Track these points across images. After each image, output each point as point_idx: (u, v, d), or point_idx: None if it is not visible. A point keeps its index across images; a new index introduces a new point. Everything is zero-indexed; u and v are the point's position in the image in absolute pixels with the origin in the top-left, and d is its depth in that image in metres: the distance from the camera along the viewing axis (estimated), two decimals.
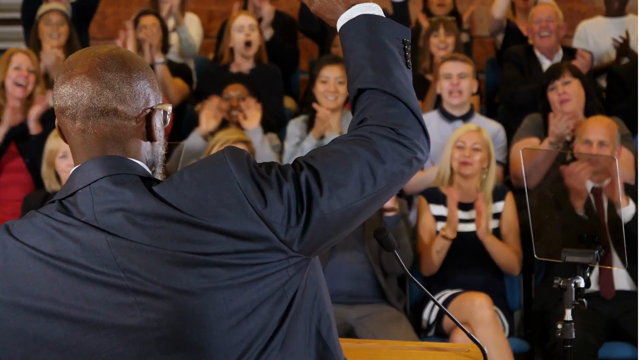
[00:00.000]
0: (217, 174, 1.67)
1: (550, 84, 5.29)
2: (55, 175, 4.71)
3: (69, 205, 1.70)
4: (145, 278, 1.63)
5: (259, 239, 1.64)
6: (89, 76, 1.73)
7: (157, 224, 1.64)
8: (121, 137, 1.74)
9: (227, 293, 1.63)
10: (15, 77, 5.33)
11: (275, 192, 1.66)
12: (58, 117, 1.77)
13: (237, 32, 6.01)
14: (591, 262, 3.20)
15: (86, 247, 1.66)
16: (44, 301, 1.65)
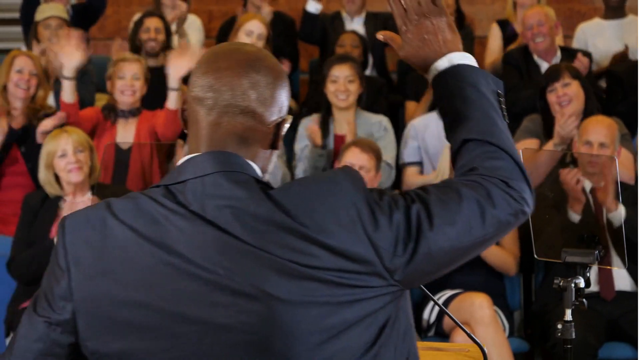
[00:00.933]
0: (334, 191, 1.66)
1: (550, 86, 5.26)
2: (54, 177, 4.68)
3: (176, 192, 1.68)
4: (245, 279, 1.61)
5: (364, 261, 1.63)
6: (236, 73, 1.71)
7: (266, 228, 1.62)
8: (250, 138, 1.72)
9: (324, 309, 1.61)
10: (18, 80, 5.32)
11: (387, 218, 1.65)
12: (191, 104, 1.74)
13: (245, 35, 6.01)
14: (591, 262, 3.20)
15: (190, 238, 1.63)
16: (137, 288, 1.63)
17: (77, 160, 4.60)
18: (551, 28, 6.05)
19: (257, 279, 1.61)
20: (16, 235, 4.67)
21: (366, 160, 4.72)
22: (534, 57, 6.10)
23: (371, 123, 5.51)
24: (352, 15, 6.89)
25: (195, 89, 1.73)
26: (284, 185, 1.69)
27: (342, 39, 6.34)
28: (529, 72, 6.06)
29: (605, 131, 4.75)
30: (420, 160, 5.48)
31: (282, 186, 1.69)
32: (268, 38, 6.07)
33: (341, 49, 6.27)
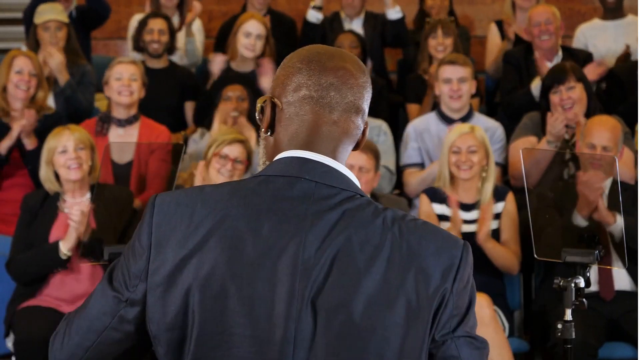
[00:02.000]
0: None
1: (554, 87, 5.25)
2: (54, 175, 4.67)
3: (279, 183, 1.71)
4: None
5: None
6: (352, 74, 1.76)
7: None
8: (354, 137, 1.78)
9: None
10: (17, 81, 5.31)
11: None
12: (297, 103, 1.74)
13: (244, 36, 6.01)
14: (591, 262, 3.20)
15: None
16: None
17: (77, 157, 4.60)
18: (557, 28, 6.05)
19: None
20: (15, 235, 4.67)
21: (365, 161, 4.72)
22: (536, 58, 6.09)
23: (370, 127, 5.51)
24: (352, 17, 6.88)
25: (306, 88, 1.74)
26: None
27: (340, 39, 6.33)
28: (528, 72, 6.06)
29: (608, 134, 4.73)
30: (421, 161, 5.47)
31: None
32: (267, 38, 6.06)
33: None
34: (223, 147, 4.85)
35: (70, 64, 5.97)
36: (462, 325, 1.71)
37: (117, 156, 5.27)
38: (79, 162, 4.60)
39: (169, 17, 6.37)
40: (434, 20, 6.29)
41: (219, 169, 4.83)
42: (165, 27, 6.22)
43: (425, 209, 4.85)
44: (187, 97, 6.20)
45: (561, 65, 5.48)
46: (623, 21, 6.71)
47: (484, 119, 5.56)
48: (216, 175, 4.83)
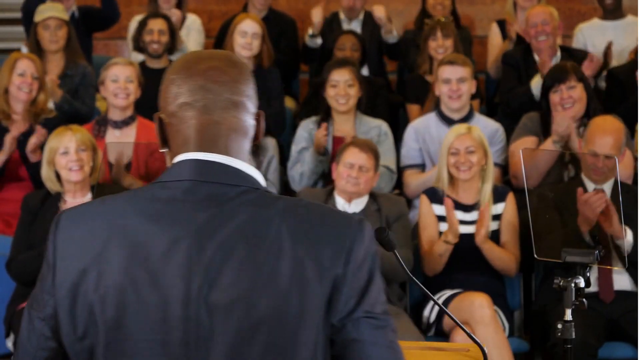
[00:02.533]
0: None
1: (554, 86, 5.25)
2: (55, 175, 4.67)
3: (173, 189, 1.76)
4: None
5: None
6: (221, 71, 1.78)
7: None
8: (244, 131, 1.80)
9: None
10: (20, 83, 5.31)
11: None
12: (177, 113, 1.78)
13: (239, 36, 6.01)
14: (591, 262, 3.20)
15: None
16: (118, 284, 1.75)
17: (78, 159, 4.60)
18: (555, 28, 6.04)
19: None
20: (16, 235, 4.67)
21: (365, 160, 4.72)
22: (535, 58, 6.09)
23: (370, 127, 5.51)
24: (351, 18, 6.87)
25: (181, 96, 1.77)
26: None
27: (342, 41, 6.33)
28: (527, 72, 6.05)
29: (612, 141, 4.69)
30: (421, 162, 5.46)
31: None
32: (264, 37, 6.05)
33: (340, 52, 6.26)
34: None
35: (69, 64, 5.97)
36: (361, 305, 1.69)
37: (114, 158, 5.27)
38: (80, 164, 4.60)
39: (168, 17, 6.36)
40: (433, 22, 6.28)
41: None
42: (165, 27, 6.22)
43: (425, 209, 4.85)
44: None
45: (562, 64, 5.47)
46: (623, 21, 6.72)
47: (485, 120, 5.56)
48: None
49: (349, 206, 4.77)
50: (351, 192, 4.74)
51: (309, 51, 6.77)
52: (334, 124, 5.51)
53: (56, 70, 5.94)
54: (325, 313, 1.67)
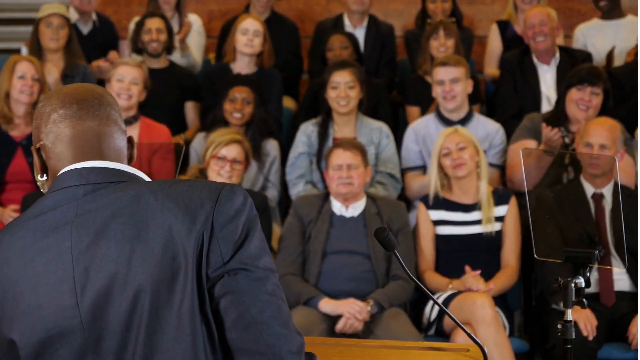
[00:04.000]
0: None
1: (580, 85, 5.23)
2: None
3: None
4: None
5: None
6: (86, 88, 1.98)
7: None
8: (113, 133, 1.99)
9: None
10: (21, 86, 5.31)
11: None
12: (54, 133, 1.91)
13: (241, 34, 6.01)
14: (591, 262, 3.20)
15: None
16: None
17: None
18: (552, 29, 6.03)
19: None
20: None
21: (351, 158, 4.73)
22: (533, 60, 6.08)
23: (372, 128, 5.51)
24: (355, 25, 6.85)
25: (56, 111, 1.89)
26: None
27: (331, 42, 6.32)
28: (524, 76, 6.04)
29: (605, 133, 4.73)
30: (422, 164, 5.46)
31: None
32: (265, 36, 6.05)
33: (330, 53, 6.26)
34: (220, 149, 4.84)
35: (69, 65, 5.97)
36: (236, 257, 1.75)
37: None
38: None
39: (165, 17, 6.37)
40: (436, 22, 6.28)
41: (218, 170, 4.82)
42: (163, 26, 6.22)
43: (422, 215, 4.86)
44: (187, 97, 6.20)
45: (597, 69, 5.44)
46: (622, 21, 6.71)
47: (485, 121, 5.55)
48: (215, 177, 4.83)
49: (347, 210, 4.77)
50: (345, 193, 4.74)
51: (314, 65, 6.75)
52: (335, 125, 5.51)
53: (56, 71, 5.94)
54: (198, 268, 1.73)
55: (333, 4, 7.67)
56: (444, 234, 4.84)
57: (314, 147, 5.47)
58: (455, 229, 4.84)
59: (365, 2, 6.77)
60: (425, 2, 6.91)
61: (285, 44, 6.76)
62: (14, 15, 7.90)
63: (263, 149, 5.45)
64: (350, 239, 4.72)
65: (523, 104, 5.95)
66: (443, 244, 4.84)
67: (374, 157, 5.38)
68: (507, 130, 5.55)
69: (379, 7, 7.54)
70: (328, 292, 4.62)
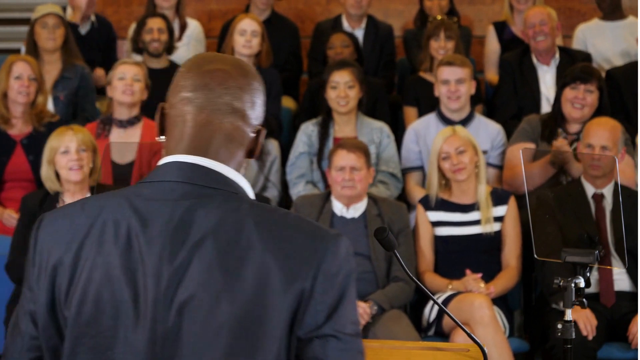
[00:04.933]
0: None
1: (574, 83, 5.23)
2: (55, 174, 4.67)
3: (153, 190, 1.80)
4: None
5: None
6: (229, 74, 1.79)
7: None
8: (235, 139, 1.80)
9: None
10: (18, 87, 5.30)
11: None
12: (177, 106, 1.79)
13: (239, 35, 6.01)
14: (591, 262, 3.20)
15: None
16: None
17: (78, 159, 4.60)
18: (552, 28, 6.03)
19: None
20: (14, 237, 4.65)
21: (355, 160, 4.72)
22: (533, 61, 6.08)
23: (372, 128, 5.51)
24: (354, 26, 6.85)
25: (184, 90, 1.77)
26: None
27: (332, 40, 6.32)
28: (524, 76, 6.04)
29: (607, 134, 4.72)
30: (422, 164, 5.46)
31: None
32: (263, 36, 6.05)
33: (331, 51, 6.26)
34: None
35: (67, 65, 5.96)
36: (331, 323, 1.66)
37: (118, 156, 5.27)
38: (80, 163, 4.60)
39: (166, 17, 6.37)
40: (437, 21, 6.26)
41: None
42: (164, 26, 6.22)
43: (421, 217, 4.86)
44: None
45: (589, 67, 5.45)
46: (623, 22, 6.71)
47: (485, 121, 5.55)
48: None
49: (347, 211, 4.77)
50: (349, 196, 4.73)
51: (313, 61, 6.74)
52: (335, 125, 5.51)
53: (54, 72, 5.94)
54: (290, 325, 1.65)
55: (333, 4, 7.67)
56: (443, 234, 4.84)
57: (314, 147, 5.47)
58: (454, 230, 4.83)
59: (363, 5, 6.76)
60: (423, 1, 6.91)
61: (285, 44, 6.76)
62: (13, 15, 7.89)
63: (263, 149, 5.45)
64: (350, 240, 4.69)
65: (522, 105, 5.95)
66: (442, 244, 4.84)
67: (375, 156, 5.37)
68: (506, 131, 5.54)
69: (378, 7, 7.53)
70: None
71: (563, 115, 5.26)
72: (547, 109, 5.82)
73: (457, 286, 4.66)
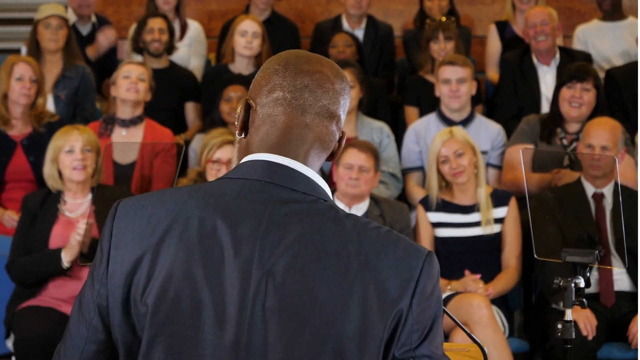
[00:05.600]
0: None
1: (570, 83, 5.24)
2: (58, 173, 4.67)
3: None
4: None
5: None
6: (329, 78, 1.76)
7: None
8: (327, 144, 1.77)
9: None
10: (19, 89, 5.30)
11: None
12: (270, 105, 1.74)
13: (240, 36, 6.01)
14: (591, 262, 3.20)
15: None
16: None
17: (83, 159, 4.60)
18: (553, 29, 6.04)
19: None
20: (15, 237, 4.65)
21: (364, 160, 4.72)
22: (533, 61, 6.08)
23: (372, 128, 5.51)
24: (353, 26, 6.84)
25: (281, 89, 1.72)
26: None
27: (335, 40, 6.33)
28: (524, 76, 6.04)
29: (607, 134, 4.73)
30: (421, 165, 5.46)
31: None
32: (264, 37, 6.05)
33: (334, 50, 6.26)
34: (214, 152, 4.83)
35: (68, 65, 5.97)
36: (426, 343, 1.64)
37: (119, 156, 5.27)
38: (84, 163, 4.60)
39: (167, 17, 6.37)
40: (436, 23, 6.26)
41: (215, 174, 4.81)
42: (164, 26, 6.22)
43: (421, 218, 4.86)
44: (187, 98, 6.20)
45: (585, 65, 5.46)
46: (623, 23, 6.71)
47: (486, 121, 5.55)
48: None
49: (349, 211, 4.77)
50: (352, 194, 4.74)
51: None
52: None
53: (55, 71, 5.95)
54: (386, 344, 1.62)
55: (333, 4, 7.67)
56: (444, 235, 4.84)
57: None
58: (454, 231, 4.83)
59: (363, 5, 6.77)
60: (423, 1, 6.91)
61: (285, 44, 6.75)
62: (14, 15, 7.89)
63: None
64: None
65: (523, 105, 5.95)
66: (443, 245, 4.83)
67: None
68: (506, 131, 5.54)
69: (378, 7, 7.54)
70: None
71: (561, 115, 5.26)
72: (547, 109, 5.82)
73: (456, 287, 4.66)
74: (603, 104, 5.29)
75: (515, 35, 6.68)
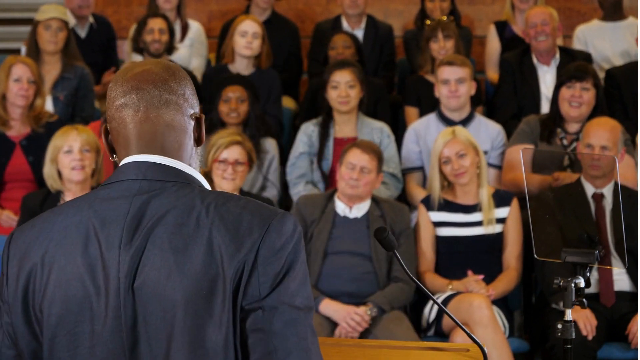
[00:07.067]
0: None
1: (570, 82, 5.24)
2: (57, 173, 4.67)
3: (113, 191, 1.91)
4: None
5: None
6: (155, 73, 1.89)
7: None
8: (180, 130, 1.91)
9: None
10: (18, 90, 5.30)
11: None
12: (116, 115, 1.88)
13: (240, 36, 6.01)
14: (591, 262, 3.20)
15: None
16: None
17: (81, 159, 4.60)
18: (554, 29, 6.04)
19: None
20: None
21: (367, 162, 4.72)
22: (533, 61, 6.08)
23: (372, 128, 5.51)
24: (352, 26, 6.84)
25: (116, 99, 1.87)
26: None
27: (334, 41, 6.33)
28: (524, 76, 6.04)
29: (607, 134, 4.73)
30: (421, 165, 5.45)
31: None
32: (264, 38, 6.05)
33: (333, 51, 6.26)
34: (221, 152, 4.82)
35: (67, 66, 5.96)
36: (275, 294, 1.71)
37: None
38: (82, 163, 4.60)
39: (167, 17, 6.37)
40: (434, 23, 6.26)
41: (221, 174, 4.80)
42: (165, 26, 6.22)
43: (423, 217, 4.86)
44: None
45: (584, 65, 5.47)
46: (623, 23, 6.71)
47: (486, 121, 5.55)
48: (220, 180, 4.80)
49: (350, 211, 4.77)
50: (350, 194, 4.73)
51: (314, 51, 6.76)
52: (336, 125, 5.51)
53: (53, 72, 5.94)
54: (234, 297, 1.71)
55: (333, 4, 7.67)
56: (445, 235, 4.84)
57: (314, 147, 5.47)
58: (456, 231, 4.83)
59: (360, 4, 6.76)
60: (424, 1, 6.91)
61: (285, 44, 6.76)
62: (14, 15, 7.90)
63: (261, 147, 5.44)
64: (352, 240, 4.71)
65: (523, 105, 5.95)
66: (444, 245, 4.83)
67: None
68: (506, 131, 5.55)
69: (378, 7, 7.54)
70: (328, 292, 4.62)
71: (561, 115, 5.26)
72: (547, 109, 5.82)
73: (457, 286, 4.66)
74: (603, 104, 5.30)
75: (515, 35, 6.69)
